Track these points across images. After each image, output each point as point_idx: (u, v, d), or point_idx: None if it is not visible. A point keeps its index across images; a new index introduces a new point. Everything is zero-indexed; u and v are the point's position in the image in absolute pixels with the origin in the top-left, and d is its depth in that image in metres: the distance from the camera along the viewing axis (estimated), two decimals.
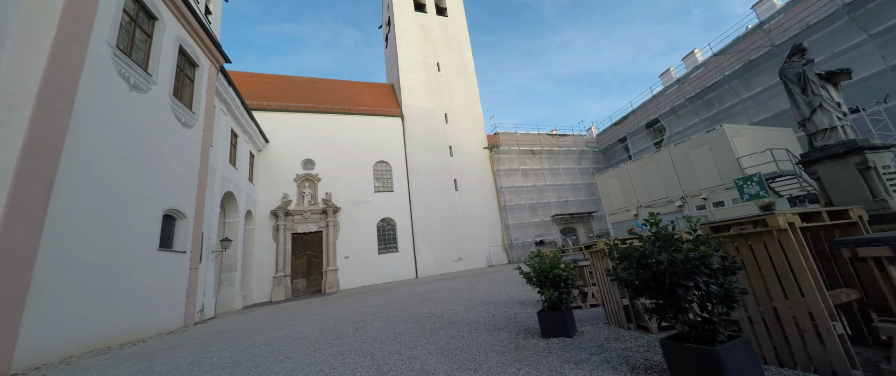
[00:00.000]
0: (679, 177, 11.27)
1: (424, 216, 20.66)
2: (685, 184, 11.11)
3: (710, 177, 10.28)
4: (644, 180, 12.65)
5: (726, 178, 9.71)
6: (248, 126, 15.97)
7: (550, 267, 3.97)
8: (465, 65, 26.24)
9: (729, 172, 9.64)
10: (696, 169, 10.73)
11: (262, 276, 16.44)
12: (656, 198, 12.15)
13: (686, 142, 11.07)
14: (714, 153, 10.19)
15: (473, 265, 20.88)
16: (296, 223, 17.76)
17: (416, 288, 11.84)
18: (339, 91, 23.44)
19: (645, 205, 12.65)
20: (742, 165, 9.37)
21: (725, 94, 17.56)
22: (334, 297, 13.02)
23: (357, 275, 18.10)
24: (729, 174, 9.61)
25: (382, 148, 21.13)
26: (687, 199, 11.06)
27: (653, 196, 12.31)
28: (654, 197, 12.22)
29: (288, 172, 18.50)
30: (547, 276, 3.94)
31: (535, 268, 4.05)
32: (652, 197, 12.36)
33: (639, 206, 12.98)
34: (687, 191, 11.10)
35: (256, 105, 18.88)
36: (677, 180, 11.31)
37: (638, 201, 13.03)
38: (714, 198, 10.25)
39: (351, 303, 9.46)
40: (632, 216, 13.12)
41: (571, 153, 26.43)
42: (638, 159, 13.01)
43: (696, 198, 10.77)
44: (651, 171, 12.38)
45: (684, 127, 19.74)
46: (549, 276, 3.93)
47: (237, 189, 14.44)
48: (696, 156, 10.72)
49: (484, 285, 9.92)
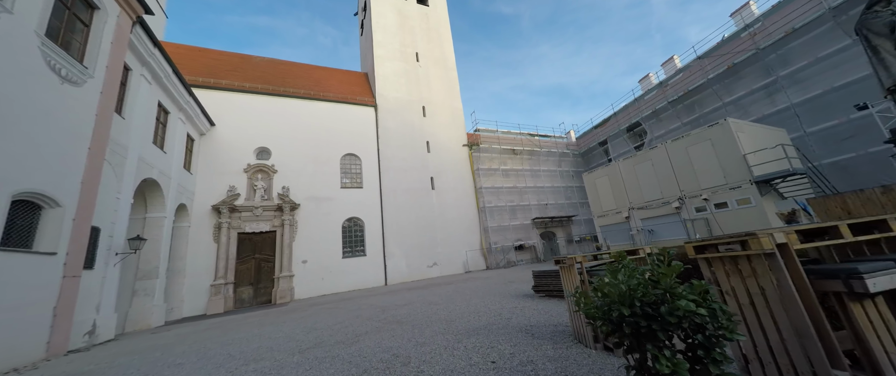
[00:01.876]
0: (677, 175, 10.40)
1: (397, 216, 18.72)
2: (684, 183, 10.25)
3: (712, 175, 9.46)
4: (637, 179, 11.74)
5: (731, 177, 8.90)
6: (186, 103, 13.31)
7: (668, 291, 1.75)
8: (445, 57, 24.78)
9: (734, 170, 8.85)
10: (696, 167, 9.89)
11: (198, 284, 13.70)
12: (650, 198, 11.25)
13: (685, 138, 10.24)
14: (717, 149, 9.39)
15: (449, 271, 19.19)
16: (244, 221, 15.14)
17: (382, 300, 9.93)
18: (306, 75, 21.04)
19: (638, 207, 11.71)
20: (749, 162, 8.59)
21: (707, 98, 17.38)
22: (281, 311, 10.76)
23: (316, 282, 15.76)
24: (733, 172, 8.81)
25: (352, 139, 18.99)
26: (685, 200, 10.19)
27: (647, 196, 11.39)
28: (649, 197, 11.30)
29: (237, 161, 15.86)
30: (657, 316, 1.71)
31: (615, 294, 1.83)
32: (646, 197, 11.44)
33: (631, 208, 12.04)
34: (686, 192, 10.23)
35: (202, 82, 16.13)
36: (675, 179, 10.44)
37: (630, 202, 12.09)
38: (716, 198, 9.43)
39: (292, 323, 7.39)
40: (623, 218, 12.16)
41: (552, 155, 25.70)
42: (631, 156, 12.13)
43: (696, 199, 9.92)
44: (645, 170, 11.48)
45: (665, 130, 19.46)
46: (666, 318, 1.68)
47: (164, 177, 11.78)
48: (696, 153, 9.89)
49: (464, 296, 8.26)
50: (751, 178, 8.52)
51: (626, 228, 11.98)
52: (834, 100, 12.63)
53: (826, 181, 9.06)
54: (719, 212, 9.21)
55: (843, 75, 12.52)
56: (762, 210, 8.17)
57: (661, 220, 10.64)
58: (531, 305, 5.54)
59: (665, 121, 19.76)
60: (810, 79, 13.58)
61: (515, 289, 8.36)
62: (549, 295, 6.36)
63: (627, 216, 12.00)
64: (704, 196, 9.56)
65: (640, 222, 11.60)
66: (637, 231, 11.53)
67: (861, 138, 11.86)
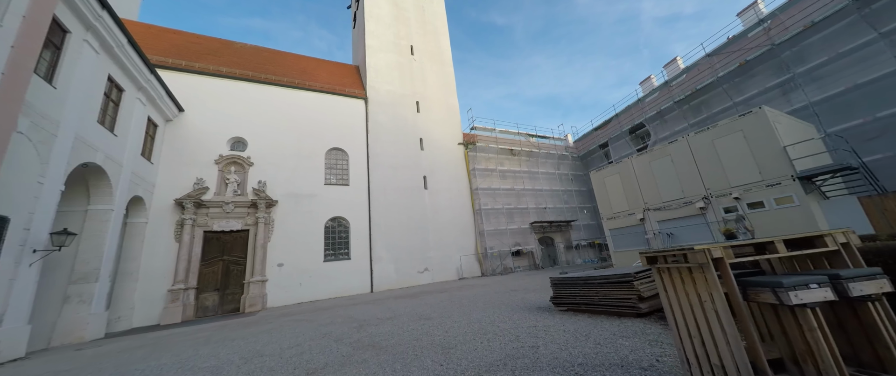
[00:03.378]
0: (701, 172, 9.26)
1: (386, 217, 17.23)
2: (710, 180, 9.11)
3: (745, 171, 8.34)
4: (654, 177, 10.58)
5: (768, 173, 7.80)
6: (146, 81, 11.71)
7: None
8: (441, 52, 23.66)
9: (771, 165, 7.74)
10: (724, 161, 8.78)
11: (153, 290, 11.92)
12: (670, 198, 10.08)
13: (712, 129, 9.13)
14: (750, 141, 8.29)
15: (442, 277, 17.70)
16: (212, 218, 13.45)
17: (363, 312, 8.43)
18: (291, 64, 19.58)
19: (654, 208, 10.53)
20: (790, 156, 7.51)
21: (716, 98, 16.55)
22: (243, 323, 9.12)
23: (293, 288, 14.08)
24: (771, 167, 7.71)
25: (339, 133, 17.53)
26: (711, 200, 9.05)
27: (665, 196, 10.23)
28: (668, 197, 10.13)
29: (208, 152, 14.21)
30: None
31: None
32: (664, 197, 10.27)
33: (646, 209, 10.86)
34: (712, 190, 9.09)
35: (171, 63, 14.53)
36: (699, 176, 9.30)
37: (645, 203, 10.90)
38: (749, 197, 8.30)
39: (242, 341, 5.85)
40: (637, 220, 10.96)
41: (551, 157, 24.65)
42: (646, 152, 11.00)
43: (725, 198, 8.78)
44: (663, 166, 10.33)
45: (671, 132, 18.57)
46: None
47: (112, 163, 10.12)
48: (725, 147, 8.78)
49: (462, 308, 6.85)
50: (794, 174, 7.42)
51: (640, 232, 10.79)
52: (856, 99, 11.79)
53: (875, 179, 8.09)
54: (754, 212, 8.07)
55: (867, 72, 11.71)
56: (808, 210, 7.05)
57: (683, 223, 9.50)
58: (557, 324, 4.19)
59: (670, 122, 18.89)
60: (830, 76, 12.78)
61: (523, 300, 7.01)
62: (574, 310, 5.04)
63: (642, 218, 10.82)
64: (735, 194, 8.44)
65: (656, 225, 10.44)
66: (653, 234, 10.36)
67: (889, 138, 11.00)
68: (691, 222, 9.35)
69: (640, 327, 3.72)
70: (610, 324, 3.86)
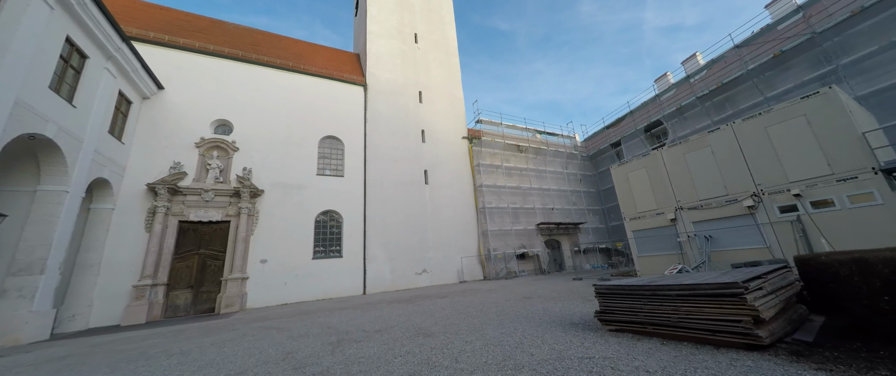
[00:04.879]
0: (750, 164, 7.93)
1: (382, 212, 15.89)
2: (762, 174, 7.77)
3: (808, 162, 7.02)
4: (689, 171, 9.22)
5: (839, 164, 6.50)
6: (116, 50, 10.42)
7: None
8: (447, 41, 22.43)
9: (844, 155, 6.42)
10: (780, 152, 7.46)
11: (117, 285, 10.56)
12: (709, 195, 8.72)
13: (765, 115, 7.79)
14: (815, 127, 6.97)
15: (441, 279, 16.34)
16: (188, 206, 12.11)
17: (348, 320, 7.08)
18: (286, 47, 18.33)
19: (689, 207, 9.16)
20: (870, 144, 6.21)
21: (744, 93, 15.28)
22: (207, 328, 7.76)
23: (277, 287, 12.72)
24: (843, 158, 6.39)
25: (335, 121, 16.23)
26: (763, 198, 7.72)
27: (703, 193, 8.86)
28: (706, 194, 8.77)
29: (189, 134, 12.89)
30: None
31: None
32: (701, 194, 8.91)
33: (679, 208, 9.49)
34: (764, 186, 7.75)
35: (153, 37, 13.26)
36: (747, 169, 7.97)
37: (678, 201, 9.54)
38: (814, 194, 6.97)
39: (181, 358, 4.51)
40: (667, 221, 9.60)
41: (559, 155, 23.35)
42: (678, 144, 9.66)
43: (781, 196, 7.45)
44: (701, 159, 8.98)
45: (691, 130, 17.29)
46: None
47: (69, 138, 8.81)
48: (782, 134, 7.46)
49: (470, 321, 5.52)
50: (876, 166, 6.10)
51: (671, 234, 9.45)
52: None
53: None
54: (820, 212, 6.75)
55: None
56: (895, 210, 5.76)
57: (726, 224, 8.17)
58: (624, 356, 2.73)
59: (691, 120, 17.60)
60: (880, 68, 11.50)
61: (546, 312, 5.68)
62: (634, 332, 3.53)
63: (673, 218, 9.47)
64: (795, 191, 7.11)
65: (691, 226, 9.09)
66: (687, 237, 9.03)
67: None
68: (736, 223, 8.03)
69: (766, 367, 2.38)
70: (709, 360, 2.58)
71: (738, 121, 8.44)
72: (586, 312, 5.31)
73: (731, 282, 2.68)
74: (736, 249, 8.01)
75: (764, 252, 7.57)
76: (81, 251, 10.34)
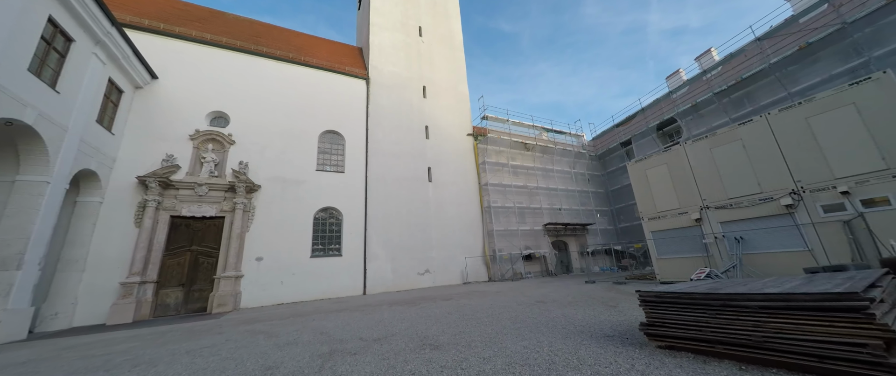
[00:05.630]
0: (789, 159, 7.21)
1: (384, 210, 15.28)
2: (802, 170, 7.04)
3: (858, 156, 6.30)
4: (716, 167, 8.49)
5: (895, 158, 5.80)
6: (105, 34, 9.89)
7: None
8: (452, 35, 21.82)
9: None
10: (823, 145, 6.75)
11: (104, 282, 10.00)
12: (740, 193, 7.97)
13: (806, 104, 7.06)
14: (866, 117, 6.26)
15: (444, 280, 15.68)
16: (181, 201, 11.55)
17: (344, 324, 6.45)
18: (287, 39, 17.79)
19: (717, 206, 8.42)
20: None
21: (765, 88, 14.53)
22: (191, 331, 7.17)
23: (273, 286, 12.12)
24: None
25: (335, 114, 15.64)
26: (804, 196, 7.00)
27: (733, 191, 8.11)
28: (737, 192, 8.02)
29: (183, 126, 12.35)
30: None
31: None
32: (730, 192, 8.16)
33: (705, 207, 8.76)
34: (805, 183, 7.03)
35: (148, 25, 12.75)
36: (785, 165, 7.25)
37: (703, 199, 8.80)
38: (865, 191, 6.24)
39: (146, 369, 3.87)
40: (691, 221, 8.87)
41: (567, 154, 22.63)
42: (704, 138, 8.93)
43: (825, 193, 6.72)
44: (730, 153, 8.25)
45: (707, 127, 16.53)
46: None
47: (50, 125, 8.26)
48: (826, 125, 6.75)
49: (482, 329, 4.88)
50: None
51: (696, 235, 8.73)
52: None
53: None
54: (873, 211, 6.03)
55: None
56: None
57: (759, 224, 7.45)
58: None
59: (707, 117, 16.84)
60: None
61: (567, 319, 5.02)
62: (697, 351, 2.84)
63: (698, 218, 8.74)
64: (843, 188, 6.40)
65: (718, 227, 8.37)
66: (714, 239, 8.31)
67: None
68: (772, 223, 7.31)
69: None
70: None
71: (773, 111, 7.73)
72: (618, 321, 4.64)
73: (848, 291, 2.01)
74: (772, 252, 7.29)
75: (805, 256, 6.86)
76: (66, 246, 9.79)
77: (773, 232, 7.28)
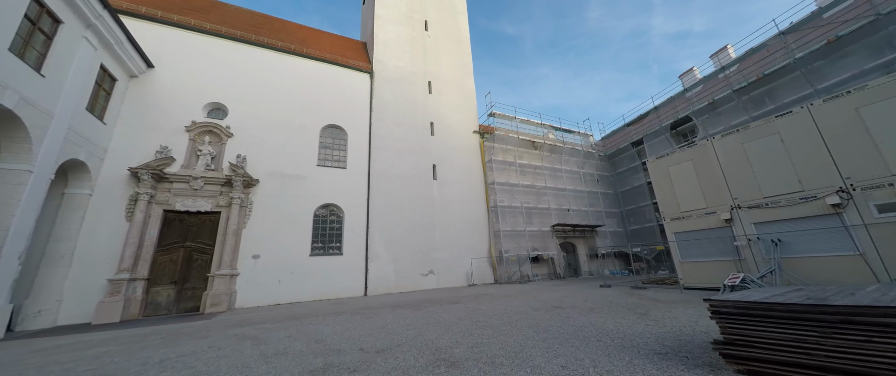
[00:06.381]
0: (834, 153, 6.54)
1: (386, 207, 14.69)
2: (851, 165, 6.35)
3: None
4: (749, 164, 7.82)
5: None
6: (97, 17, 9.40)
7: None
8: (458, 29, 21.26)
9: None
10: (877, 138, 6.05)
11: (92, 278, 9.47)
12: (777, 191, 7.27)
13: (855, 93, 6.31)
14: None
15: (449, 282, 15.05)
16: (175, 195, 11.02)
17: (342, 333, 5.84)
18: (289, 32, 17.31)
19: (750, 205, 7.72)
20: None
21: (788, 85, 13.83)
22: (175, 333, 6.59)
23: (270, 285, 11.55)
24: None
25: (338, 109, 15.10)
26: (853, 194, 6.32)
27: (769, 189, 7.41)
28: (773, 190, 7.32)
29: (179, 117, 11.84)
30: None
31: None
32: (767, 190, 7.45)
33: (736, 207, 8.06)
34: (855, 179, 6.35)
35: (145, 12, 12.27)
36: (830, 160, 6.58)
37: (734, 198, 8.11)
38: None
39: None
40: (721, 222, 8.18)
41: (575, 154, 21.95)
42: (734, 132, 8.23)
43: (880, 192, 6.04)
44: (766, 148, 7.57)
45: (725, 126, 15.80)
46: None
47: (34, 110, 7.76)
48: (879, 116, 6.06)
49: (503, 341, 4.26)
50: None
51: (725, 237, 8.04)
52: None
53: None
54: None
55: None
56: None
57: (800, 225, 6.77)
58: None
59: (725, 116, 16.13)
60: None
61: (595, 329, 4.39)
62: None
63: (728, 218, 8.06)
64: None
65: (751, 228, 7.68)
66: (748, 241, 7.62)
67: None
68: (815, 225, 6.64)
69: None
70: None
71: (817, 101, 7.05)
72: (661, 334, 3.99)
73: None
74: (815, 256, 6.59)
75: (855, 260, 6.17)
76: (52, 240, 9.26)
77: (817, 234, 6.61)
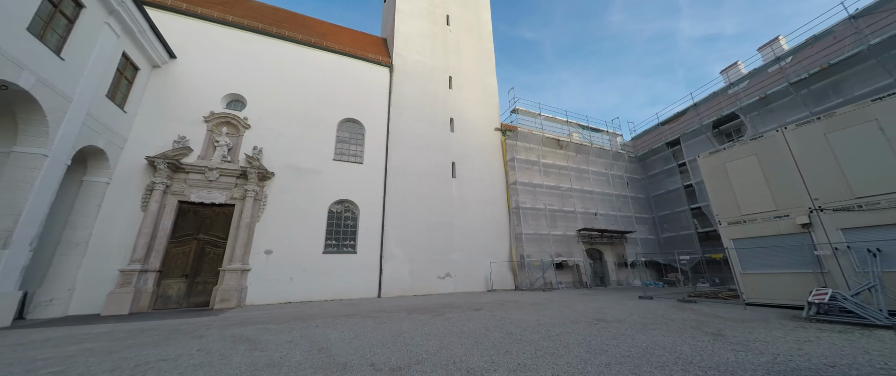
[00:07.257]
0: None
1: (403, 206, 14.04)
2: None
3: None
4: (835, 157, 6.53)
5: None
6: (119, 3, 9.31)
7: None
8: (481, 25, 20.56)
9: None
10: None
11: (106, 268, 9.29)
12: (874, 191, 5.95)
13: None
14: None
15: (467, 286, 14.17)
16: (191, 186, 10.80)
17: (351, 341, 5.12)
18: (310, 26, 17.15)
19: (836, 207, 6.43)
20: None
21: (859, 76, 12.17)
22: (173, 330, 6.09)
23: (281, 283, 11.10)
24: None
25: (356, 102, 14.67)
26: None
27: (862, 188, 6.08)
28: (869, 189, 5.98)
29: (198, 107, 11.70)
30: None
31: None
32: (859, 190, 6.12)
33: (817, 209, 6.76)
34: None
35: (170, 4, 12.31)
36: None
37: (814, 199, 6.81)
38: None
39: None
40: (796, 227, 6.87)
41: (603, 155, 20.61)
42: (813, 120, 6.96)
43: None
44: (856, 139, 6.29)
45: (779, 124, 14.13)
46: None
47: (52, 93, 7.63)
48: None
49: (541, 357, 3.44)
50: None
51: (802, 245, 6.73)
52: None
53: None
54: None
55: None
56: None
57: None
58: None
59: (779, 112, 14.50)
60: None
61: (665, 350, 3.47)
62: None
63: (807, 223, 6.77)
64: None
65: (839, 235, 6.37)
66: (833, 250, 6.33)
67: None
68: None
69: None
70: None
71: None
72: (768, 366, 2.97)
73: None
74: None
75: None
76: (68, 227, 9.16)
77: None
